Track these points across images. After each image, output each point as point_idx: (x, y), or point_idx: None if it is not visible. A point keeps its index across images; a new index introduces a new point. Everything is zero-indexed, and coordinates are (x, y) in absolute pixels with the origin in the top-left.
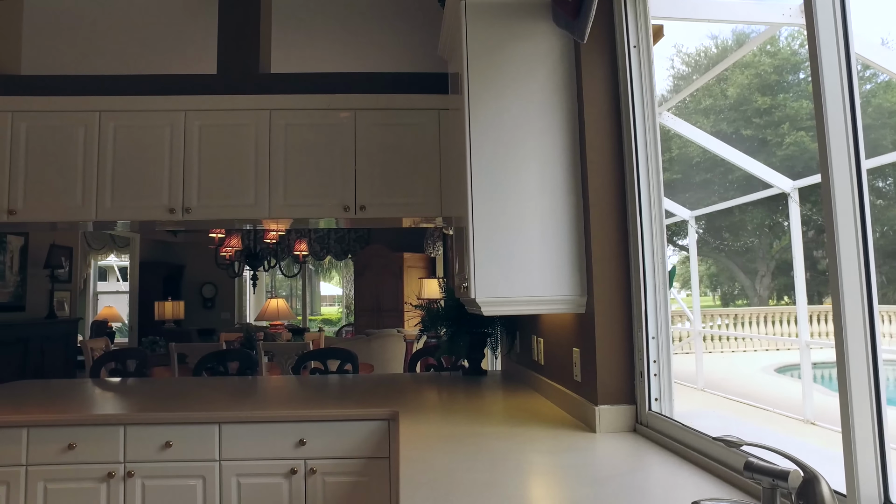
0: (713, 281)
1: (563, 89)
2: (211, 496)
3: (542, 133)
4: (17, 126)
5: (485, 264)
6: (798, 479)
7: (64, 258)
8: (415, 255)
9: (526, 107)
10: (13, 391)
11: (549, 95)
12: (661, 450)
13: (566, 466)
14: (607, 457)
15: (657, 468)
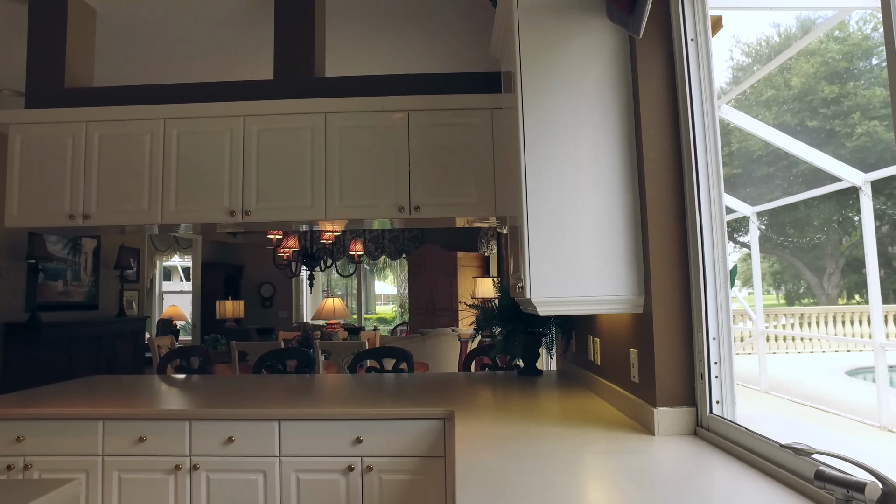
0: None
1: (618, 85)
2: (271, 491)
3: (596, 130)
4: (90, 135)
5: (540, 264)
6: (876, 491)
7: (132, 259)
8: (469, 254)
9: (580, 104)
10: (89, 385)
11: (604, 92)
12: (724, 454)
13: (623, 469)
14: (666, 460)
15: (719, 474)
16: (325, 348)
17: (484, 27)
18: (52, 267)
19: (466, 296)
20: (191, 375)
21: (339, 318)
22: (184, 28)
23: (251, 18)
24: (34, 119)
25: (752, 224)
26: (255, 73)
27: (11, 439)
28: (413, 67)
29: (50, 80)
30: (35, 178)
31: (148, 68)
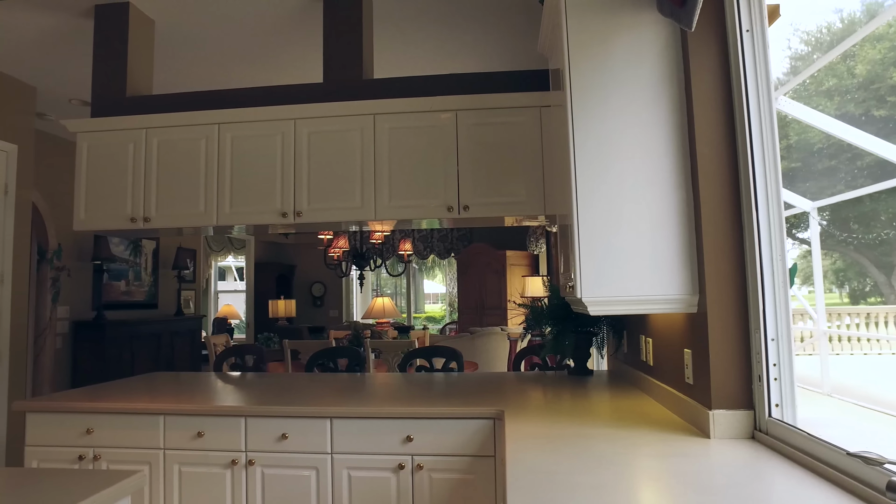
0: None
1: (669, 80)
2: (324, 487)
3: (647, 126)
4: (150, 141)
5: (591, 263)
6: None
7: (189, 260)
8: (518, 253)
9: (630, 100)
10: (151, 382)
11: (655, 87)
12: (784, 460)
13: (677, 473)
14: (723, 464)
15: (779, 480)
16: (375, 347)
17: (531, 25)
18: (116, 268)
19: (515, 295)
20: (245, 373)
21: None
22: (236, 35)
23: (300, 23)
24: (99, 127)
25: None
26: (304, 76)
27: (82, 431)
28: (460, 67)
29: (113, 90)
30: (100, 184)
31: (202, 75)
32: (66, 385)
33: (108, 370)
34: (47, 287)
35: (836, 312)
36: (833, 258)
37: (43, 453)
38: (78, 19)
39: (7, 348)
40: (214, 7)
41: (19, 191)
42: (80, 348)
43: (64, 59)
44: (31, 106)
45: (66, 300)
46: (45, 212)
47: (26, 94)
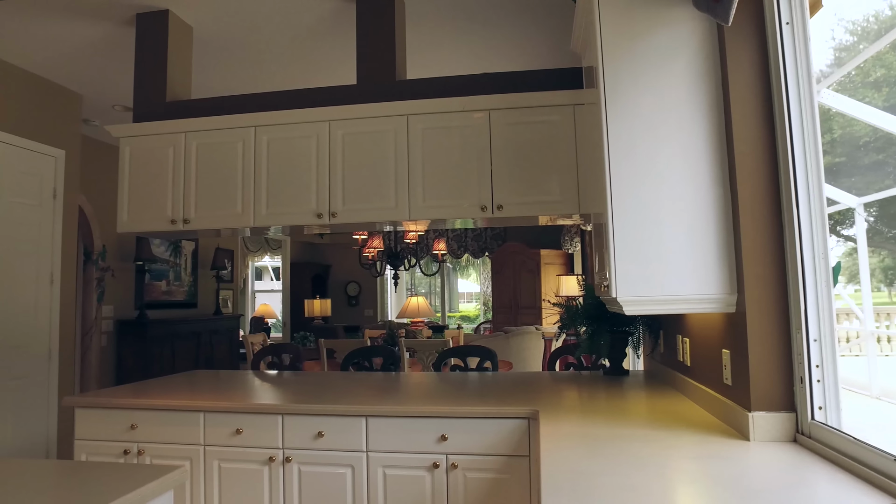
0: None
1: (706, 76)
2: (359, 484)
3: (683, 123)
4: (189, 145)
5: (626, 262)
6: None
7: (227, 260)
8: (552, 252)
9: (665, 97)
10: (191, 379)
11: (690, 84)
12: (828, 464)
13: (715, 475)
14: (763, 468)
15: (823, 485)
16: (409, 346)
17: (564, 23)
18: (157, 268)
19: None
20: (282, 371)
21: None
22: (271, 39)
23: (334, 26)
24: (140, 132)
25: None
26: (338, 78)
27: (127, 426)
28: (493, 66)
29: (153, 95)
30: (142, 186)
31: (239, 78)
32: (112, 381)
33: (151, 367)
34: (93, 287)
35: (885, 312)
36: (881, 255)
37: (91, 447)
38: (121, 28)
39: (57, 346)
40: (250, 12)
41: (67, 195)
42: (123, 346)
43: (107, 66)
44: (77, 113)
45: (111, 300)
46: (90, 214)
47: (73, 102)
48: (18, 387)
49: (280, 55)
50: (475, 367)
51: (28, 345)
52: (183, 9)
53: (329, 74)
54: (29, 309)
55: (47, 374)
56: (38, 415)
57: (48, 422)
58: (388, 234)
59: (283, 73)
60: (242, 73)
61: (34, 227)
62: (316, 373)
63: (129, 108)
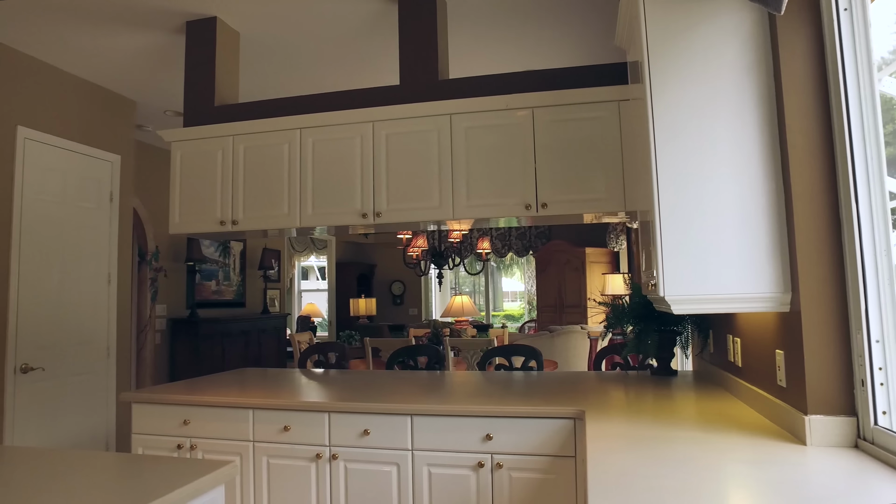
0: None
1: (756, 67)
2: (404, 483)
3: (732, 116)
4: (237, 148)
5: (674, 260)
6: None
7: (274, 260)
8: (597, 250)
9: (713, 90)
10: (240, 377)
11: (740, 76)
12: (894, 472)
13: (769, 480)
14: (821, 474)
15: (888, 494)
16: (454, 345)
17: (608, 18)
18: (207, 268)
19: (595, 292)
20: (328, 370)
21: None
22: (315, 43)
23: (376, 27)
24: (190, 136)
25: None
26: (382, 79)
27: (180, 422)
28: (536, 63)
29: (202, 100)
30: (192, 189)
31: (284, 81)
32: (165, 378)
33: (202, 364)
34: (147, 287)
35: None
36: None
37: (147, 441)
38: (171, 36)
39: (115, 343)
40: (294, 17)
41: (122, 198)
42: (176, 344)
43: (159, 73)
44: (131, 118)
45: (164, 299)
46: (144, 216)
47: (127, 108)
48: (81, 382)
49: (324, 58)
50: (520, 367)
51: (89, 342)
52: (230, 16)
53: (372, 75)
54: (90, 308)
55: (106, 370)
56: (99, 408)
57: (107, 415)
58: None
59: (327, 75)
60: (288, 76)
61: (93, 229)
62: (361, 371)
63: (179, 113)
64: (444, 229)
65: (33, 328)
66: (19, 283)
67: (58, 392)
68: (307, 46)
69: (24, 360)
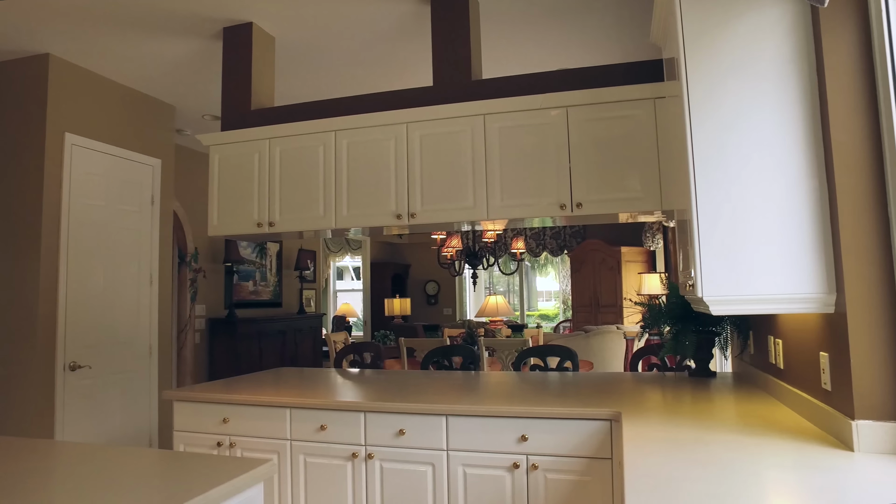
0: None
1: (797, 61)
2: (440, 483)
3: (773, 113)
4: (273, 151)
5: (712, 260)
6: None
7: (309, 261)
8: (633, 249)
9: (752, 86)
10: (277, 376)
11: (780, 70)
12: None
13: (814, 488)
14: (870, 482)
15: None
16: (489, 345)
17: (642, 15)
18: (244, 269)
19: (631, 292)
20: (364, 370)
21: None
22: (349, 45)
23: (409, 29)
24: (228, 140)
25: None
26: (415, 80)
27: (219, 420)
28: (570, 61)
29: (239, 104)
30: (230, 191)
31: (319, 84)
32: (204, 377)
33: (240, 364)
34: (186, 287)
35: None
36: None
37: (188, 438)
38: (209, 42)
39: (156, 342)
40: (328, 20)
41: (163, 200)
42: (215, 343)
43: (197, 79)
44: (171, 123)
45: (203, 299)
46: (183, 219)
47: (167, 113)
48: (125, 380)
49: (358, 60)
50: (555, 367)
51: (132, 341)
52: (265, 21)
53: (406, 77)
54: (132, 308)
55: (148, 369)
56: (142, 406)
57: (150, 412)
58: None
59: (360, 77)
60: (322, 79)
61: (135, 231)
62: (397, 371)
63: (217, 117)
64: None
65: (80, 327)
66: (67, 284)
67: (103, 389)
68: (341, 49)
69: (73, 359)
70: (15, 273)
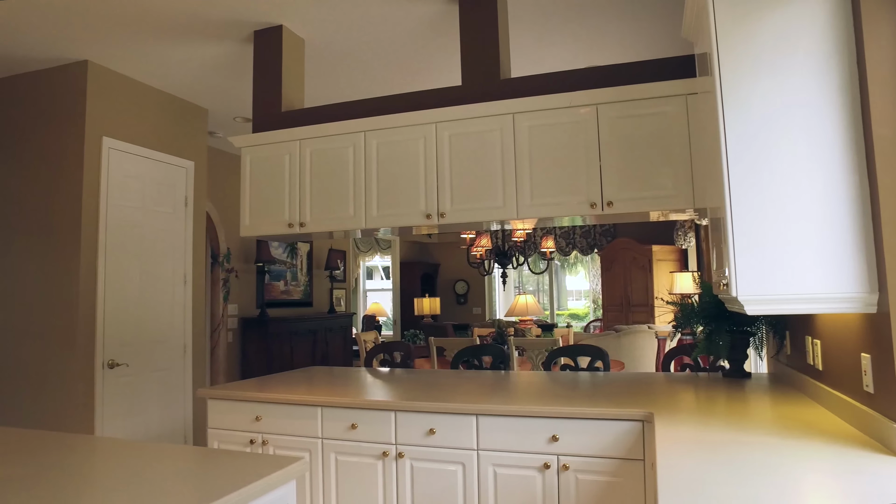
0: None
1: (836, 55)
2: (470, 482)
3: (810, 108)
4: (303, 151)
5: (746, 258)
6: None
7: (339, 260)
8: (664, 248)
9: (788, 80)
10: (308, 375)
11: (817, 64)
12: None
13: (857, 493)
14: None
15: None
16: (519, 345)
17: (673, 9)
18: (275, 269)
19: (663, 291)
20: (394, 369)
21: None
22: (377, 46)
23: (438, 29)
24: (259, 141)
25: None
26: (444, 80)
27: (252, 418)
28: (600, 58)
29: (270, 106)
30: (261, 192)
31: (348, 85)
32: (237, 375)
33: (271, 363)
34: (219, 287)
35: None
36: None
37: (222, 435)
38: (240, 45)
39: (190, 341)
40: (356, 21)
41: (196, 202)
42: (247, 342)
43: (229, 82)
44: (204, 126)
45: (235, 299)
46: (216, 220)
47: (200, 116)
48: (161, 378)
49: (387, 60)
50: (586, 367)
51: (167, 340)
52: (295, 23)
53: (435, 76)
54: (167, 307)
55: (183, 367)
56: (177, 403)
57: (185, 410)
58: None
59: (389, 77)
60: (351, 80)
61: (170, 232)
62: (427, 370)
63: (248, 120)
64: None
65: (118, 326)
66: (105, 284)
67: (140, 387)
68: (369, 50)
69: (111, 357)
70: (57, 274)
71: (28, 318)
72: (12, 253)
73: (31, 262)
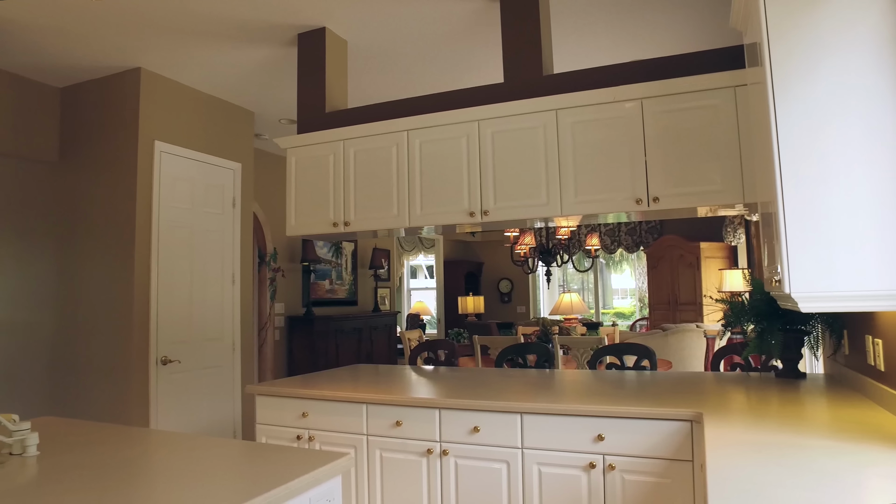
0: None
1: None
2: (514, 481)
3: (867, 95)
4: (347, 152)
5: (800, 254)
6: None
7: (383, 259)
8: (713, 245)
9: (843, 69)
10: (354, 373)
11: (875, 51)
12: None
13: None
14: None
15: None
16: (563, 343)
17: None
18: (321, 268)
19: (712, 289)
20: (438, 367)
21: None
22: (419, 45)
23: (479, 26)
24: (304, 142)
25: None
26: (486, 77)
27: (299, 414)
28: (644, 51)
29: (314, 107)
30: (306, 193)
31: (390, 85)
32: (284, 372)
33: (317, 360)
34: (266, 286)
35: None
36: None
37: (270, 431)
38: (284, 48)
39: (239, 339)
40: (397, 21)
41: (243, 203)
42: (293, 340)
43: (274, 84)
44: (250, 128)
45: (282, 298)
46: (262, 220)
47: (247, 119)
48: (212, 374)
49: (428, 59)
50: (632, 366)
51: (217, 337)
52: (338, 25)
53: (477, 74)
54: (216, 306)
55: (232, 364)
56: (226, 399)
57: (234, 406)
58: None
59: (431, 76)
60: (394, 80)
61: (218, 233)
62: (471, 368)
63: (293, 121)
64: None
65: (170, 324)
66: (158, 283)
67: (192, 383)
68: (411, 50)
69: (164, 353)
70: (115, 273)
71: (93, 316)
72: (80, 253)
73: (94, 262)
